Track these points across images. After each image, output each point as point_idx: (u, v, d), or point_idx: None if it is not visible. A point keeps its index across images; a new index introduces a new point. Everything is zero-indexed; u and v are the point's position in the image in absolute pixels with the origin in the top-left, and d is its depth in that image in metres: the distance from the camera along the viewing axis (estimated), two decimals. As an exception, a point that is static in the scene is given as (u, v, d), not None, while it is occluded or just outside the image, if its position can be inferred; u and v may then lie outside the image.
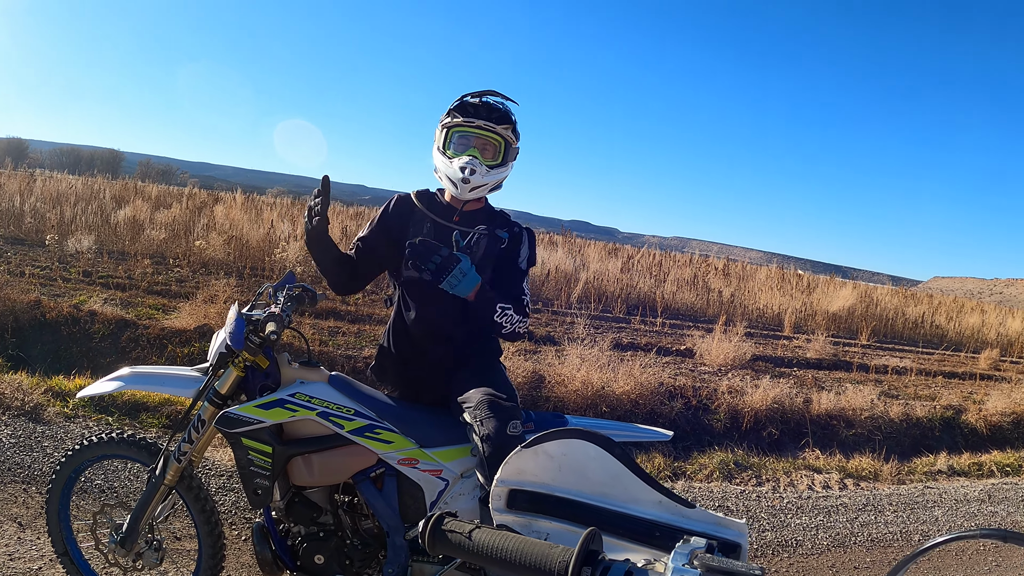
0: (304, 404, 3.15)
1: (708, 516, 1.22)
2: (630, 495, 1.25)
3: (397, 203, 3.56)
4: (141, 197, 18.94)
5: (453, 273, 3.07)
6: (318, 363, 3.40)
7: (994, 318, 24.52)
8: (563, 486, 1.29)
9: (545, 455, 1.29)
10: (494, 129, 3.35)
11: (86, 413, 6.09)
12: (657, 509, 1.24)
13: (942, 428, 9.58)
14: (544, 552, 1.04)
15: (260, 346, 3.13)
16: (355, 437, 3.15)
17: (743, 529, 1.21)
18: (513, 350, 8.78)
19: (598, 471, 1.25)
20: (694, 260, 23.58)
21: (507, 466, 1.32)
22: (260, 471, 3.14)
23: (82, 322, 7.88)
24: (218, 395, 3.22)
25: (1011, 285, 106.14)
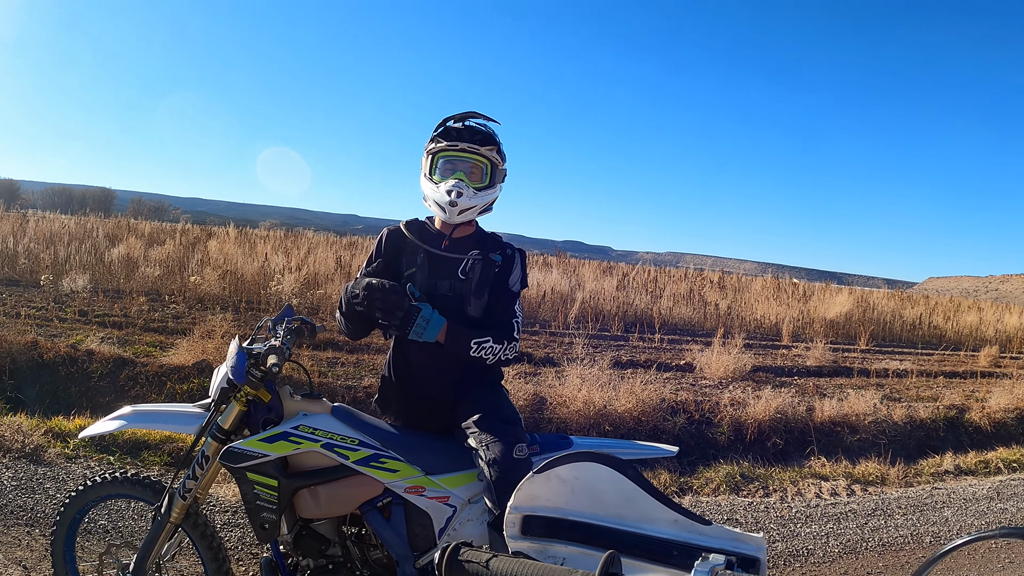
0: (308, 436, 3.13)
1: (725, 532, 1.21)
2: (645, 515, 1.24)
3: (388, 237, 3.54)
4: (134, 234, 18.93)
5: (416, 323, 3.13)
6: (320, 395, 3.39)
7: (991, 315, 24.55)
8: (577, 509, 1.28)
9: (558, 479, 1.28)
10: (478, 151, 3.35)
11: (87, 453, 6.05)
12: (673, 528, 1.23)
13: (946, 428, 9.56)
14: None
15: (262, 380, 3.12)
16: (360, 467, 3.14)
17: (761, 543, 1.20)
18: (513, 373, 8.77)
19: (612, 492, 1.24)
20: (689, 274, 23.61)
21: (520, 492, 1.31)
22: (266, 505, 3.12)
23: (80, 362, 7.84)
24: (221, 430, 3.21)
25: (1006, 281, 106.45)
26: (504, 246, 3.54)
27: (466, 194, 3.30)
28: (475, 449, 3.11)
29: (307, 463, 3.19)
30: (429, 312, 3.16)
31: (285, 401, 3.29)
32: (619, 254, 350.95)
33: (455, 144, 3.34)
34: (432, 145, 3.39)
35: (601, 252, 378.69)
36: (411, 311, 3.12)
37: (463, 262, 3.39)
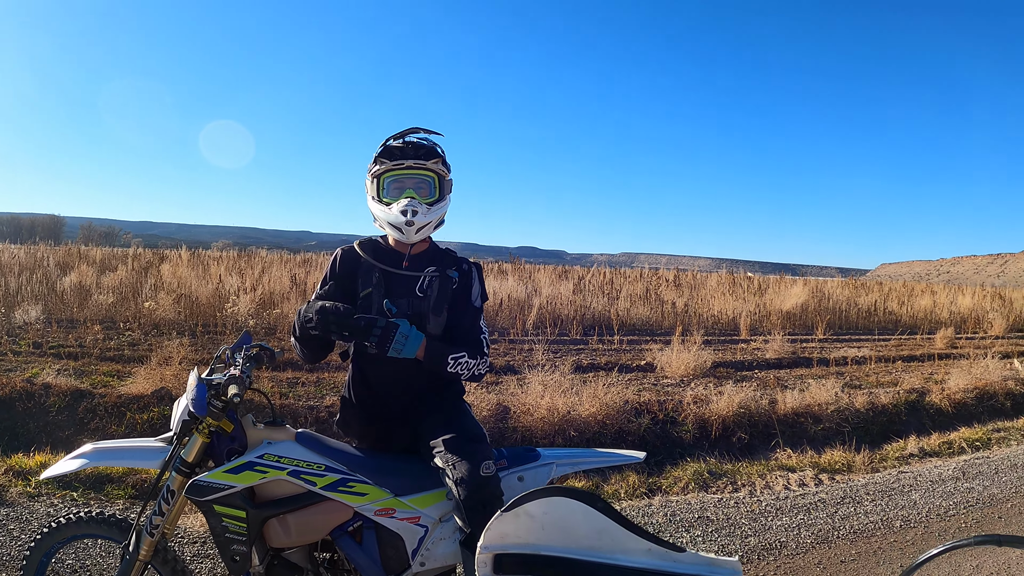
0: (273, 464, 3.09)
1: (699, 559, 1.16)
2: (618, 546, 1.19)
3: (343, 258, 3.51)
4: (85, 262, 18.72)
5: (395, 340, 3.10)
6: (283, 421, 3.34)
7: (945, 298, 24.94)
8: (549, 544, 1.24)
9: (526, 516, 1.23)
10: (424, 166, 3.33)
11: (50, 491, 5.88)
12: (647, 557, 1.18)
13: (908, 412, 9.64)
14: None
15: (223, 410, 3.08)
16: (329, 493, 3.10)
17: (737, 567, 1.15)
18: (475, 384, 8.69)
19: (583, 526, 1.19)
20: (644, 274, 23.72)
21: (489, 532, 1.27)
22: (236, 537, 3.07)
23: (36, 396, 7.65)
24: (185, 463, 3.14)
25: (957, 263, 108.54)
26: (460, 261, 3.53)
27: (420, 211, 3.27)
28: (442, 468, 3.07)
29: (275, 492, 3.14)
30: (407, 328, 3.14)
31: (248, 430, 3.23)
32: (574, 257, 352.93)
33: (400, 163, 3.31)
34: (376, 167, 3.35)
35: (556, 256, 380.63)
36: (389, 328, 3.09)
37: (420, 279, 3.37)
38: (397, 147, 3.34)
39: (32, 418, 7.46)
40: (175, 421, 3.22)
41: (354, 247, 3.51)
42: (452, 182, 3.49)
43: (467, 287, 3.48)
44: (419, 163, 3.31)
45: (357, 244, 3.52)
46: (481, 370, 3.39)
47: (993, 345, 17.11)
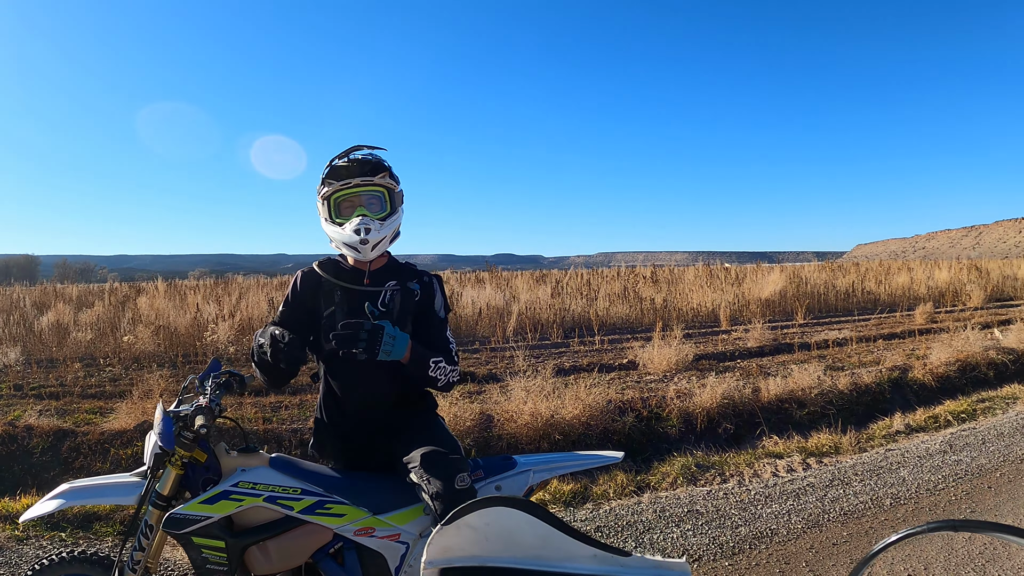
0: (249, 492, 3.06)
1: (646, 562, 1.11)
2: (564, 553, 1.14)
3: (303, 280, 3.49)
4: (62, 300, 18.62)
5: (384, 342, 3.04)
6: (256, 447, 3.31)
7: (922, 273, 25.09)
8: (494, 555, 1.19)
9: (468, 528, 1.19)
10: (372, 182, 3.32)
11: (38, 533, 5.81)
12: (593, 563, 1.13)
13: (892, 389, 9.66)
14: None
15: (194, 440, 3.06)
16: (307, 516, 3.07)
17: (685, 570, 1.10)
18: (457, 394, 8.64)
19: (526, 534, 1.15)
20: (622, 273, 23.72)
21: (431, 546, 1.22)
22: (217, 568, 3.05)
23: (19, 439, 7.56)
24: (161, 497, 3.13)
25: (932, 238, 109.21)
26: (420, 274, 3.52)
27: (374, 228, 3.26)
28: (417, 484, 3.03)
29: (252, 519, 3.10)
30: (392, 329, 3.10)
31: (222, 458, 3.20)
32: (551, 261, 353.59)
33: (347, 182, 3.29)
34: (325, 188, 3.33)
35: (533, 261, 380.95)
36: (376, 330, 3.04)
37: (381, 294, 3.34)
38: (343, 166, 3.32)
39: (16, 461, 7.37)
40: (148, 455, 3.19)
41: (314, 268, 3.50)
42: (402, 193, 3.47)
43: (430, 298, 3.47)
44: (366, 179, 3.30)
45: (317, 264, 3.51)
46: (454, 378, 3.39)
47: (972, 316, 17.22)
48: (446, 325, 3.51)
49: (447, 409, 7.69)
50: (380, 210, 3.35)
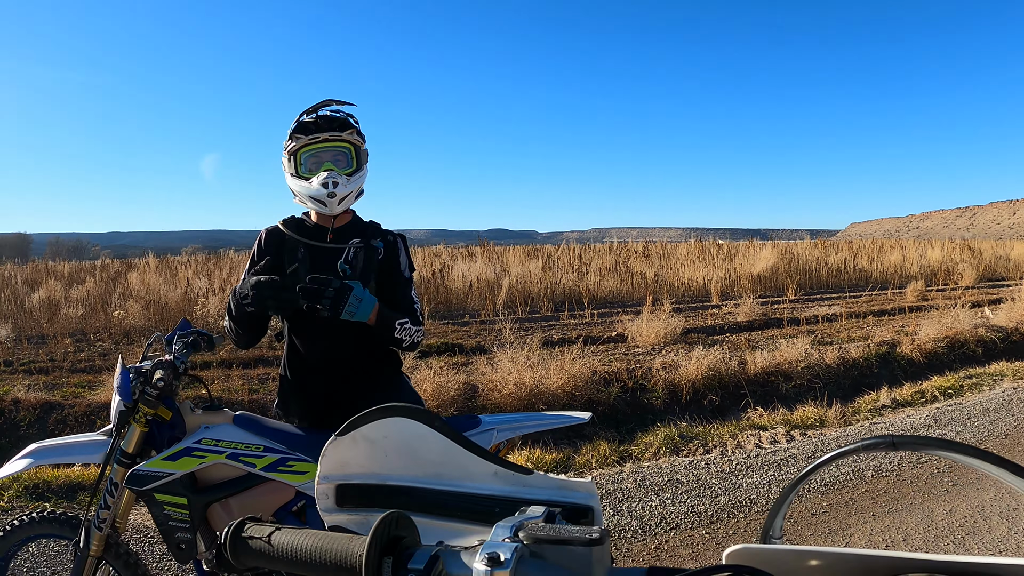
0: (211, 449, 3.00)
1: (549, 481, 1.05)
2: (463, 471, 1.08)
3: (267, 237, 3.43)
4: (53, 276, 18.51)
5: (349, 302, 2.99)
6: (221, 405, 3.26)
7: (914, 252, 25.07)
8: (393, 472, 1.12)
9: (365, 441, 1.12)
10: (340, 137, 3.26)
11: (22, 503, 5.80)
12: (494, 482, 1.07)
13: (879, 364, 9.65)
14: (344, 546, 0.88)
15: (158, 398, 3.00)
16: (269, 473, 3.01)
17: (591, 489, 1.04)
18: (443, 365, 8.61)
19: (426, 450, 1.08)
20: (614, 248, 23.66)
21: (326, 459, 1.15)
22: (179, 524, 2.99)
23: (6, 412, 7.54)
24: (126, 455, 3.06)
25: (926, 218, 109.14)
26: (384, 232, 3.46)
27: (340, 182, 3.20)
28: None
29: (215, 476, 3.06)
30: (361, 291, 3.04)
31: (186, 416, 3.16)
32: (545, 236, 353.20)
33: (316, 136, 3.22)
34: (292, 143, 3.25)
35: (527, 237, 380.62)
36: (343, 290, 2.98)
37: (345, 251, 3.28)
38: (311, 121, 3.26)
39: (3, 435, 7.35)
40: (113, 412, 3.14)
41: (278, 226, 3.43)
42: (368, 152, 3.43)
43: (394, 257, 3.42)
44: (335, 135, 3.24)
45: (281, 223, 3.44)
46: (419, 338, 3.34)
47: (963, 296, 17.20)
48: (411, 284, 3.46)
49: (431, 379, 7.67)
50: (347, 166, 3.29)
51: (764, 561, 0.86)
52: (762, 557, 0.88)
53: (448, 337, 11.52)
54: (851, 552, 0.84)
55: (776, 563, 0.86)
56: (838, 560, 0.85)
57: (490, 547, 0.80)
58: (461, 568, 0.83)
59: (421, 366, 8.28)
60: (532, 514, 0.92)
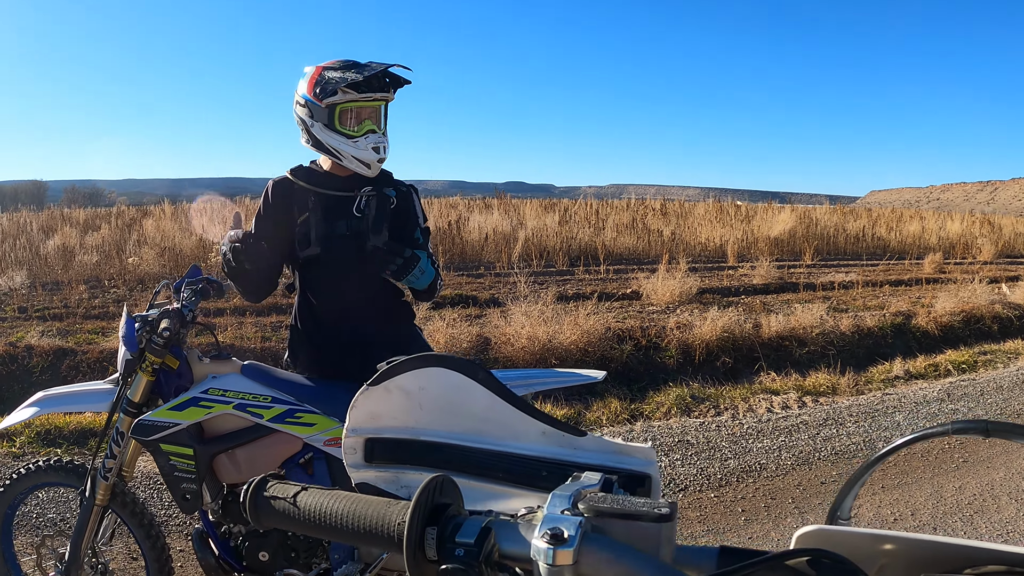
0: (219, 399, 2.97)
1: (605, 444, 0.99)
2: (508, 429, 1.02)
3: (275, 188, 3.38)
4: (69, 223, 18.46)
5: (413, 272, 3.12)
6: (229, 355, 3.22)
7: (934, 223, 24.87)
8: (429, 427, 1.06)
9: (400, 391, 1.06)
10: (387, 98, 3.26)
11: (34, 449, 5.82)
12: (542, 442, 1.01)
13: (894, 335, 9.58)
14: (381, 512, 0.82)
15: (164, 346, 2.97)
16: (276, 425, 2.97)
17: (651, 456, 0.97)
18: (457, 316, 8.59)
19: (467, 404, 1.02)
20: (632, 204, 23.53)
21: (355, 411, 1.09)
22: (185, 475, 2.96)
23: (19, 358, 7.53)
24: (132, 404, 3.04)
25: (947, 190, 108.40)
26: (396, 182, 3.44)
27: (384, 144, 3.23)
28: None
29: (222, 427, 3.02)
30: (426, 262, 3.16)
31: (194, 365, 3.13)
32: (562, 191, 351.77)
33: (370, 96, 3.18)
34: (337, 96, 3.14)
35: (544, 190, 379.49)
36: (411, 259, 3.11)
37: (356, 200, 3.24)
38: (375, 80, 3.18)
39: (16, 380, 7.36)
40: (119, 361, 3.12)
41: (287, 176, 3.38)
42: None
43: (409, 207, 3.41)
44: (385, 96, 3.23)
45: (289, 172, 3.40)
46: (441, 288, 3.40)
47: (981, 270, 17.04)
48: (429, 235, 3.48)
49: (444, 330, 7.67)
50: (382, 123, 3.28)
51: (838, 544, 0.82)
52: (836, 540, 0.84)
53: (463, 289, 11.51)
54: (926, 539, 0.81)
55: (849, 546, 0.83)
56: (913, 546, 0.82)
57: (551, 521, 0.75)
58: (517, 543, 0.78)
59: (434, 317, 8.28)
60: (588, 482, 0.87)
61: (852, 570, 0.72)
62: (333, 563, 3.08)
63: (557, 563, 0.72)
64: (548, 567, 0.72)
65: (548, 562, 0.72)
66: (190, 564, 4.18)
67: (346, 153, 3.20)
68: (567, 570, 0.72)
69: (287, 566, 3.10)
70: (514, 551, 0.77)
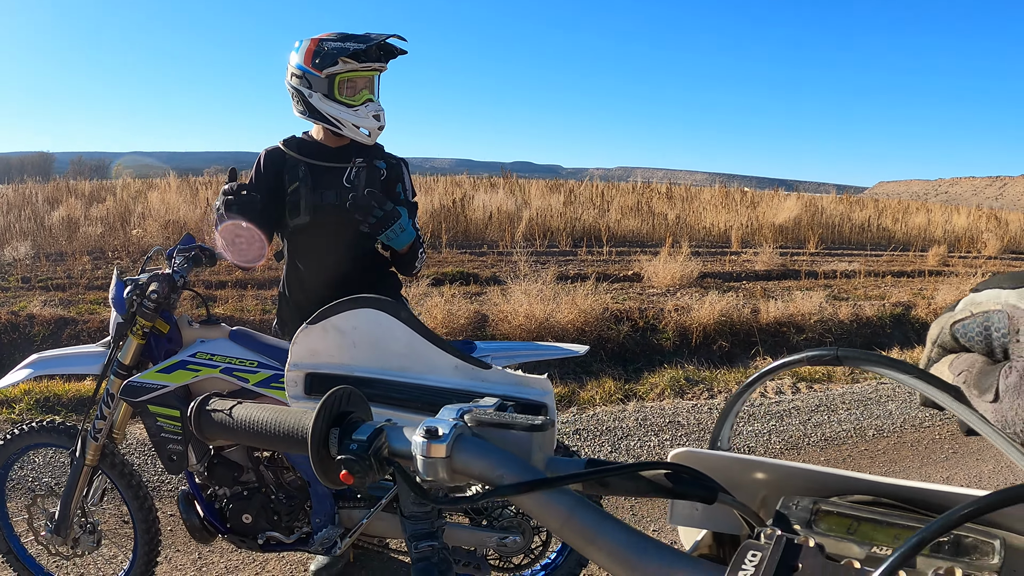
0: (206, 363, 3.03)
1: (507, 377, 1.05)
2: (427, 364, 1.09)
3: (267, 157, 3.44)
4: (74, 195, 18.43)
5: (393, 228, 3.10)
6: (218, 320, 3.28)
7: (940, 216, 24.81)
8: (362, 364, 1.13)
9: (336, 330, 1.12)
10: (383, 67, 3.33)
11: (33, 416, 5.88)
12: (455, 375, 1.08)
13: (893, 325, 9.60)
14: (297, 418, 0.91)
15: (155, 310, 3.02)
16: (261, 389, 3.03)
17: (546, 387, 1.04)
18: (456, 293, 8.63)
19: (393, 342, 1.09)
20: (637, 187, 23.53)
21: (297, 347, 1.15)
22: (171, 436, 3.02)
23: (21, 327, 7.61)
24: (123, 366, 3.10)
25: (955, 184, 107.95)
26: (387, 155, 3.49)
27: (382, 113, 3.32)
28: None
29: (208, 390, 3.04)
30: (407, 221, 3.15)
31: (184, 330, 3.18)
32: (569, 172, 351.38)
33: (369, 65, 3.25)
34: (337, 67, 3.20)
35: (551, 171, 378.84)
36: (392, 214, 3.09)
37: (347, 170, 3.29)
38: (372, 51, 3.24)
39: (17, 348, 7.42)
40: (111, 325, 3.18)
41: (278, 146, 3.45)
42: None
43: (398, 180, 3.46)
44: (382, 66, 3.31)
45: (281, 142, 3.46)
46: (421, 258, 3.42)
47: (985, 265, 17.03)
48: (416, 209, 3.51)
49: (442, 306, 7.70)
50: (376, 92, 3.36)
51: (711, 467, 0.86)
52: (707, 462, 0.88)
53: (464, 266, 11.54)
54: (798, 466, 0.84)
55: (721, 470, 0.87)
56: (785, 474, 0.85)
57: (430, 422, 0.82)
58: (402, 441, 0.85)
59: (433, 293, 8.32)
60: (483, 404, 0.93)
61: (709, 486, 0.76)
62: (314, 526, 3.18)
63: (431, 455, 0.80)
64: (424, 459, 0.80)
65: (423, 454, 0.80)
66: (179, 528, 4.23)
67: (346, 122, 3.26)
68: (440, 463, 0.79)
69: (269, 528, 3.18)
70: (400, 449, 0.85)
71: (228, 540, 3.23)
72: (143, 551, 3.41)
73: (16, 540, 3.59)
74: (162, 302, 3.01)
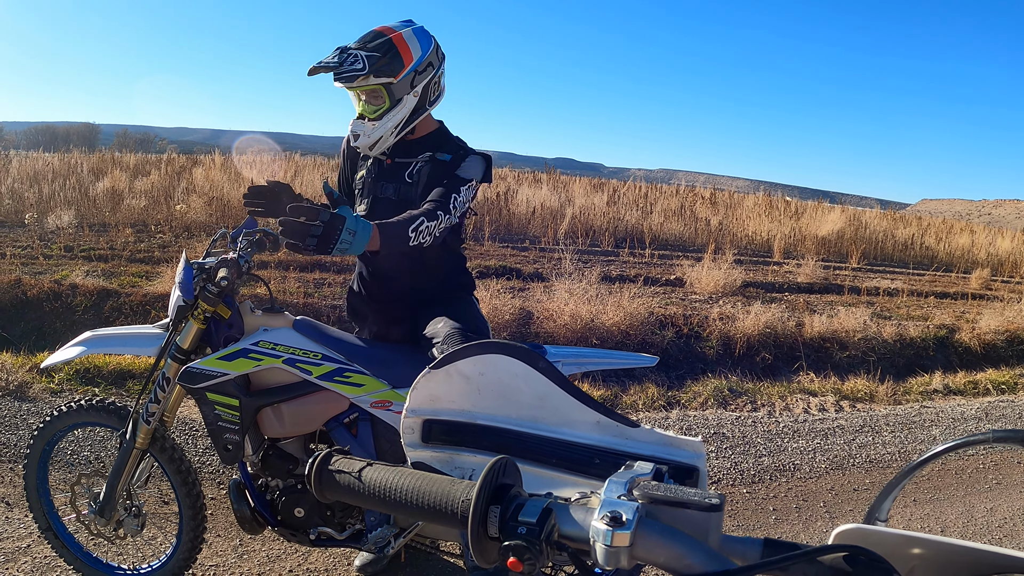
0: (269, 352, 3.00)
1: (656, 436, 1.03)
2: (563, 417, 1.06)
3: (346, 145, 3.44)
4: (119, 167, 18.50)
5: (341, 239, 2.53)
6: (282, 308, 3.26)
7: (983, 238, 24.48)
8: (485, 411, 1.10)
9: (460, 376, 1.10)
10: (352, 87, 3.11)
11: (72, 386, 5.94)
12: (595, 431, 1.05)
13: (936, 347, 9.49)
14: (445, 490, 0.87)
15: (218, 295, 2.98)
16: (324, 382, 3.01)
17: (700, 449, 1.01)
18: (499, 288, 8.63)
19: (524, 391, 1.06)
20: (681, 191, 23.40)
21: (416, 392, 1.13)
22: (228, 425, 3.02)
23: (64, 296, 7.68)
24: (180, 350, 3.07)
25: (999, 206, 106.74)
26: (458, 148, 3.29)
27: (363, 133, 3.15)
28: None
29: (269, 380, 3.06)
30: (353, 221, 2.56)
31: (246, 316, 3.15)
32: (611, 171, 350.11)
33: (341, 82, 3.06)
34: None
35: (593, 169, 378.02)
36: (332, 223, 2.51)
37: (411, 165, 3.24)
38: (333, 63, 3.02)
39: (59, 317, 7.51)
40: (171, 307, 3.14)
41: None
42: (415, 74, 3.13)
43: (456, 165, 3.19)
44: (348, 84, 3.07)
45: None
46: (438, 231, 2.96)
47: (1029, 290, 16.85)
48: (459, 183, 3.11)
49: (487, 301, 7.70)
50: (378, 105, 3.14)
51: (874, 543, 0.86)
52: (872, 539, 0.88)
53: (507, 260, 11.55)
54: (958, 544, 0.84)
55: (884, 546, 0.87)
56: (945, 550, 0.85)
57: (610, 505, 0.80)
58: (576, 525, 0.83)
59: (478, 286, 8.33)
60: (640, 471, 0.91)
61: (887, 568, 0.76)
62: (368, 524, 3.11)
63: (615, 544, 0.78)
64: (606, 548, 0.78)
65: (607, 543, 0.78)
66: (220, 513, 4.26)
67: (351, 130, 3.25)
68: (623, 551, 0.78)
69: (321, 524, 3.13)
70: (572, 532, 0.83)
71: (278, 533, 3.19)
72: (188, 536, 3.41)
73: (56, 517, 3.57)
74: (228, 287, 2.97)
